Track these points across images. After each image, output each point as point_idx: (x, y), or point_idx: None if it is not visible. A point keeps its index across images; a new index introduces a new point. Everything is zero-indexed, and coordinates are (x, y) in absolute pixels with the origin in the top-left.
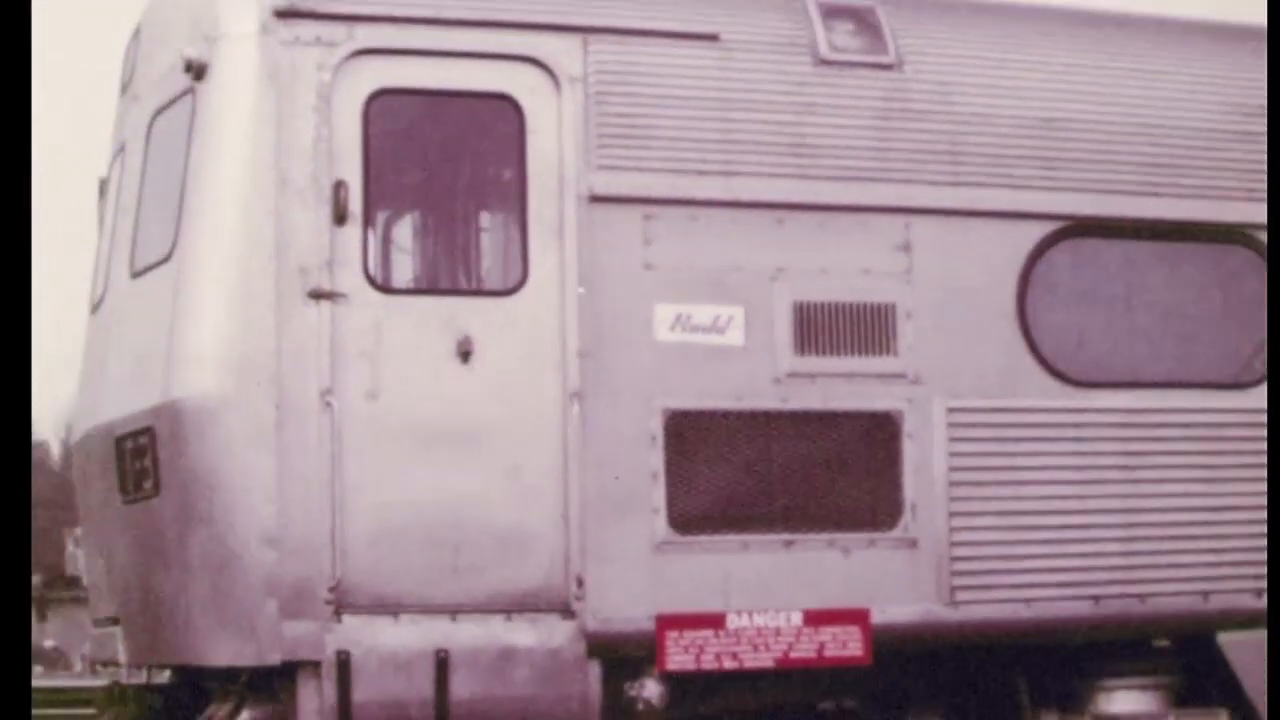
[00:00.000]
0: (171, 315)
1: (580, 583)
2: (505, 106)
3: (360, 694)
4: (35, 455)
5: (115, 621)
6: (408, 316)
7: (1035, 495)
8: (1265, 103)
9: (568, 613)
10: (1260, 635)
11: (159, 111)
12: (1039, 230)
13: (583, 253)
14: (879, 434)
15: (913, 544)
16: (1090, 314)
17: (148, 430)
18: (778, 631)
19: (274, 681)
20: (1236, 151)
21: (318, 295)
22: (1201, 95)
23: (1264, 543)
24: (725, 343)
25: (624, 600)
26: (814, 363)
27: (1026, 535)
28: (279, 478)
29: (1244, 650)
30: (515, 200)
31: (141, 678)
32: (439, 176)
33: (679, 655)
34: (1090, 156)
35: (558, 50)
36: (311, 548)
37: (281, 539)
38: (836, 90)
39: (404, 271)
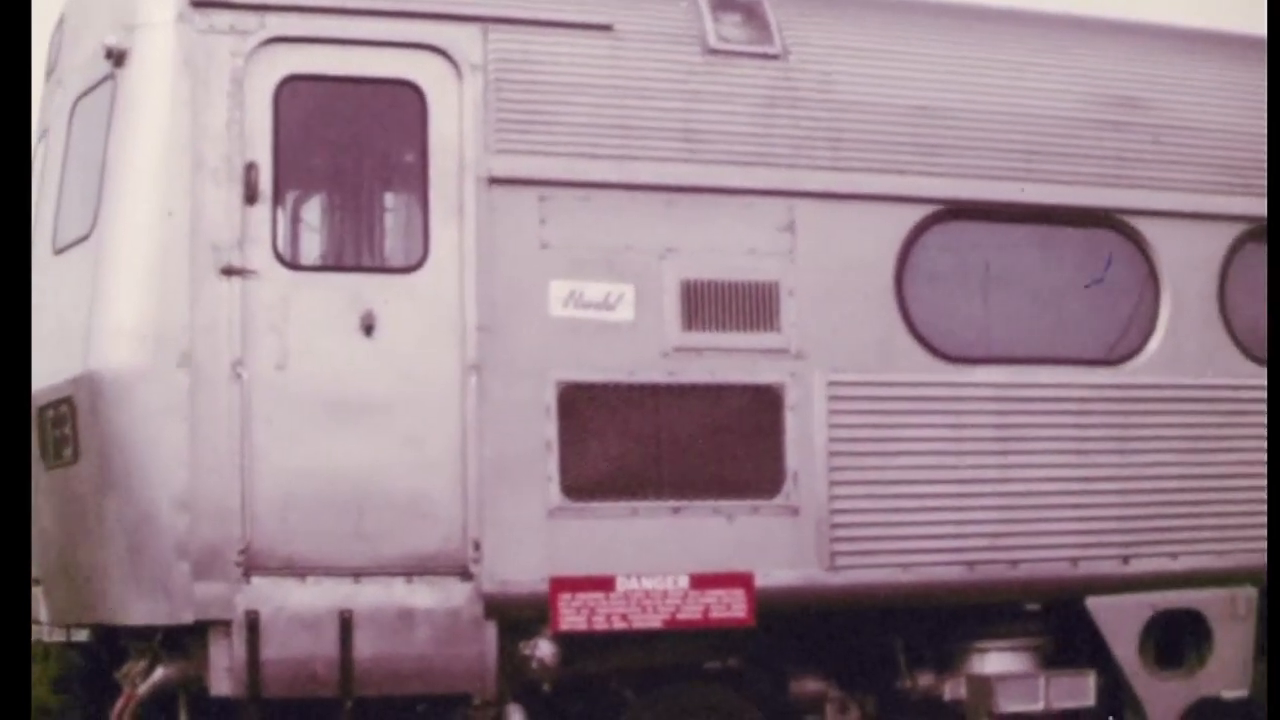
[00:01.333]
0: (91, 290)
1: (477, 546)
2: (409, 93)
3: (268, 652)
4: None
5: (37, 582)
6: (314, 292)
7: (911, 465)
8: (1132, 93)
9: (465, 575)
10: (1126, 599)
11: (81, 96)
12: (916, 213)
13: (481, 232)
14: (762, 406)
15: (794, 511)
16: (965, 293)
17: (68, 400)
18: (665, 594)
19: (187, 640)
20: (1106, 140)
21: (229, 271)
22: (1073, 86)
23: (1130, 511)
24: (616, 318)
25: (519, 564)
26: (701, 338)
27: (903, 503)
28: (191, 445)
29: (1111, 614)
30: (417, 182)
31: (62, 636)
32: (346, 159)
33: (571, 616)
34: (966, 143)
35: (459, 39)
36: (222, 512)
37: (194, 504)
38: (724, 79)
39: (312, 249)
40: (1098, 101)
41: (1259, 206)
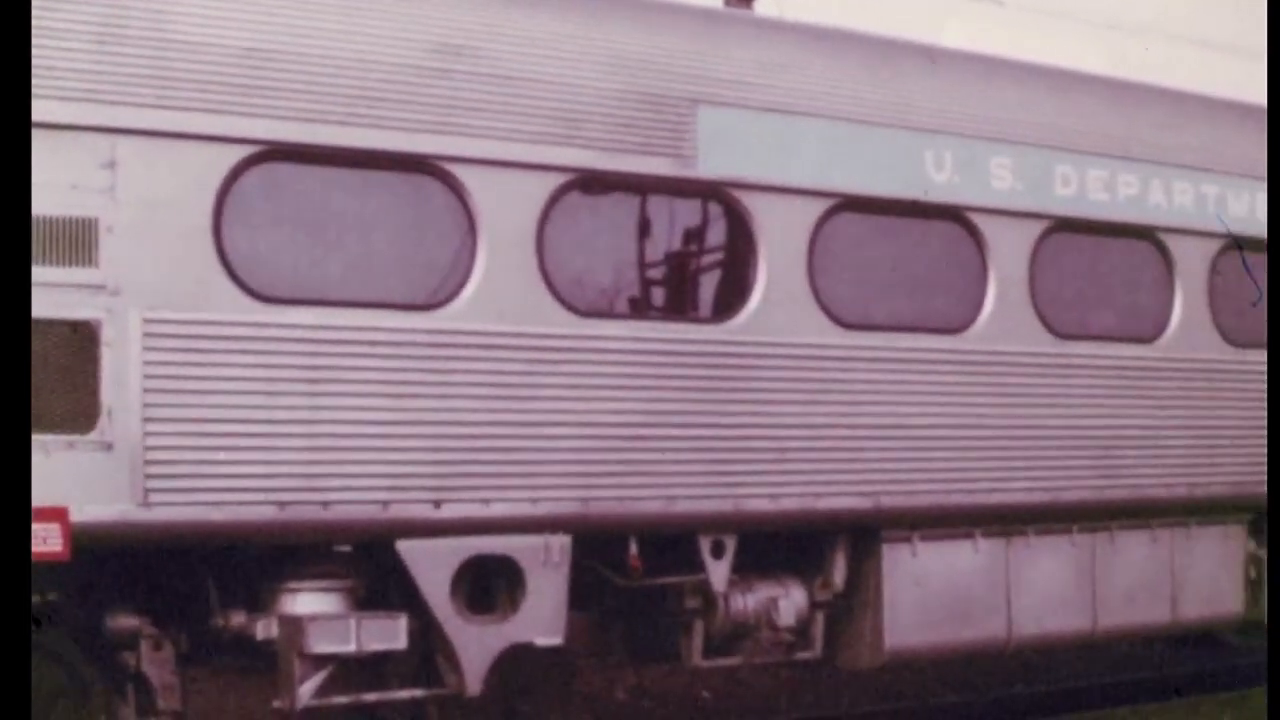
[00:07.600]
0: None
1: None
2: None
3: None
4: None
5: None
6: None
7: (225, 404)
8: (457, 41)
9: None
10: (438, 543)
11: None
12: (236, 154)
13: None
14: (79, 342)
15: (109, 447)
16: (285, 234)
17: None
18: None
19: None
20: (434, 88)
21: None
22: (400, 32)
23: (441, 456)
24: None
25: None
26: None
27: (216, 442)
28: None
29: (422, 557)
30: None
31: None
32: None
33: None
34: (289, 85)
35: None
36: None
37: None
38: (57, 14)
39: None
40: (423, 48)
41: (581, 157)
